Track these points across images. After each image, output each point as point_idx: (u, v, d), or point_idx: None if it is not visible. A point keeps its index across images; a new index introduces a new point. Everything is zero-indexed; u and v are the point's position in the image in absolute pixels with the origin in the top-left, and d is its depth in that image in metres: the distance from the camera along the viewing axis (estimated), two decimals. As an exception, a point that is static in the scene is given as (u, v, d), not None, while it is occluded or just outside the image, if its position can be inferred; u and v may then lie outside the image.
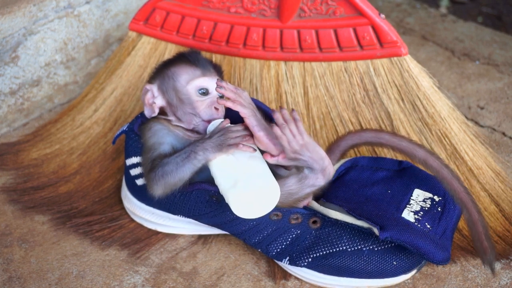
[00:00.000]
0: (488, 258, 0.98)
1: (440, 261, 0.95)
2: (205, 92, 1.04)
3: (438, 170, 1.03)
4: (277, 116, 0.95)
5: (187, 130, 1.05)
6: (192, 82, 1.04)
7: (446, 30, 1.68)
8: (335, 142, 1.11)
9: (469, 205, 1.00)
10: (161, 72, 1.07)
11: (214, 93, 1.04)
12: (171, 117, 1.05)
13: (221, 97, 1.05)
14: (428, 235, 0.96)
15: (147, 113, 1.06)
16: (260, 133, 0.96)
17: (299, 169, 0.99)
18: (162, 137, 1.03)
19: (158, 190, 0.99)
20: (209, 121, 1.03)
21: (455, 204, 1.02)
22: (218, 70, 1.08)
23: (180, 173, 0.97)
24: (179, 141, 1.03)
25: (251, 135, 0.97)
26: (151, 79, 1.08)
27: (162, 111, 1.06)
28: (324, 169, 0.98)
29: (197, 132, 1.04)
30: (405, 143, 1.06)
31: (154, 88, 1.06)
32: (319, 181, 0.98)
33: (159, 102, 1.06)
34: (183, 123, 1.04)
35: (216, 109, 1.03)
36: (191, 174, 0.98)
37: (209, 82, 1.04)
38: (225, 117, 1.05)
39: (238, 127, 0.98)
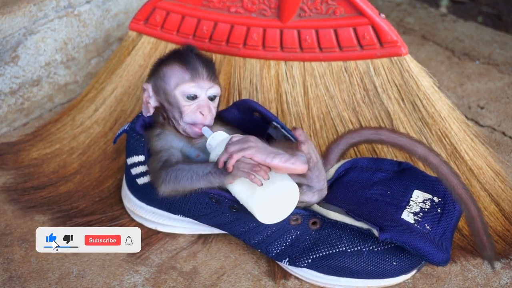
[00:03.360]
0: (487, 254, 0.99)
1: (439, 262, 0.95)
2: (193, 97, 1.03)
3: (438, 166, 1.03)
4: (300, 133, 0.94)
5: (188, 136, 1.05)
6: (180, 87, 1.03)
7: (446, 29, 1.68)
8: (334, 141, 1.11)
9: (468, 201, 1.00)
10: (156, 71, 1.07)
11: (202, 97, 1.04)
12: (165, 120, 1.05)
13: (212, 99, 1.05)
14: (428, 236, 0.96)
15: (144, 112, 1.06)
16: (274, 161, 0.94)
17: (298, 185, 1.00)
18: (171, 141, 1.03)
19: (166, 189, 0.98)
20: (193, 124, 1.03)
21: (455, 205, 1.02)
22: (210, 69, 1.06)
23: (191, 185, 0.97)
24: (185, 146, 1.03)
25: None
26: (148, 77, 1.08)
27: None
28: (321, 189, 1.01)
29: (193, 137, 1.05)
30: (405, 139, 1.06)
31: (149, 88, 1.06)
32: (313, 199, 1.01)
33: (153, 102, 1.06)
34: (178, 126, 1.05)
35: (202, 114, 1.03)
36: (199, 189, 0.98)
37: (197, 87, 1.03)
38: (217, 118, 1.06)
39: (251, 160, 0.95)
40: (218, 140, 1.00)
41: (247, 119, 1.10)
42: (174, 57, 1.06)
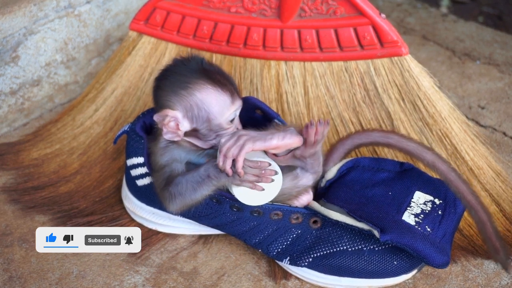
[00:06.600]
0: (501, 258, 0.99)
1: (439, 265, 0.95)
2: (233, 119, 1.01)
3: (446, 173, 1.02)
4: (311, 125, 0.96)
5: (197, 146, 1.03)
6: (225, 114, 0.99)
7: (447, 30, 1.68)
8: (340, 140, 1.11)
9: (477, 208, 1.00)
10: (183, 98, 0.98)
11: (237, 114, 1.02)
12: (191, 139, 1.02)
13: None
14: (428, 238, 0.96)
15: (169, 137, 1.00)
16: (273, 142, 0.94)
17: (290, 168, 0.99)
18: (176, 155, 1.01)
19: (174, 207, 0.98)
20: None
21: (456, 207, 1.02)
22: (233, 82, 1.03)
23: (196, 195, 0.96)
24: (193, 156, 1.01)
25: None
26: (169, 102, 0.99)
27: None
28: (316, 172, 1.01)
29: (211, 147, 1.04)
30: (413, 145, 1.05)
31: (178, 115, 0.99)
32: (309, 182, 1.01)
33: (186, 127, 1.00)
34: (199, 142, 1.02)
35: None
36: (207, 195, 0.97)
37: (237, 109, 1.01)
38: None
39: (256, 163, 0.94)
40: None
41: (249, 116, 1.10)
42: (200, 78, 0.99)
